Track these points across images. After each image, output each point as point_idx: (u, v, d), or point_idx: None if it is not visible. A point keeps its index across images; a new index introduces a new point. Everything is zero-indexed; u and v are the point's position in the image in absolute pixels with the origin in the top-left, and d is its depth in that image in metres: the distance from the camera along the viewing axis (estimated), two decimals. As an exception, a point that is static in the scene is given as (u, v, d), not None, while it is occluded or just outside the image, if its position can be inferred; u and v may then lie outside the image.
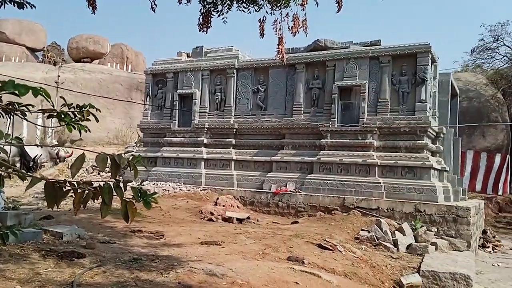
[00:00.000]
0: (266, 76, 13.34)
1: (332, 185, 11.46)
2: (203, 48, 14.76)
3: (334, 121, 11.91)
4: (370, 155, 11.36)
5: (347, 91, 12.11)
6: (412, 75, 11.38)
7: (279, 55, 6.45)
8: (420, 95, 11.22)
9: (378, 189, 10.90)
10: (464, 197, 13.01)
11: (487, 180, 20.60)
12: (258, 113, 13.35)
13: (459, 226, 9.62)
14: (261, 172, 12.81)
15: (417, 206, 10.18)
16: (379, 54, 11.66)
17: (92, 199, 2.62)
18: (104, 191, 2.66)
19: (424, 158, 10.91)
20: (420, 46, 11.26)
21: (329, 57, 12.28)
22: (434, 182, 10.73)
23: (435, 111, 12.30)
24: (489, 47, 21.40)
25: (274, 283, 4.74)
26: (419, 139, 11.13)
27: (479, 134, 20.84)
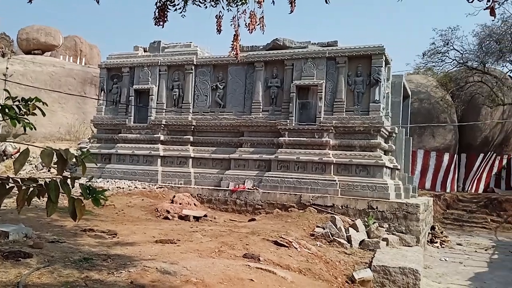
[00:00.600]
0: (225, 73, 13.29)
1: (289, 182, 11.60)
2: (160, 43, 14.49)
3: (292, 119, 12.05)
4: (326, 153, 11.58)
5: (305, 90, 12.29)
6: (367, 76, 11.69)
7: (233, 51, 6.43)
8: (374, 95, 11.55)
9: (334, 187, 11.14)
10: (414, 195, 13.56)
11: (436, 178, 21.62)
12: (217, 110, 13.28)
13: (409, 222, 10.00)
14: (219, 170, 12.76)
15: (370, 203, 10.49)
16: (335, 54, 11.90)
17: (38, 196, 2.50)
18: (50, 188, 2.54)
19: (377, 157, 11.25)
20: (375, 48, 11.59)
21: (287, 56, 12.40)
22: (386, 180, 11.10)
23: (388, 112, 12.71)
24: (439, 51, 22.37)
25: (229, 280, 4.73)
26: (372, 138, 11.46)
27: (429, 134, 21.77)
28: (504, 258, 11.30)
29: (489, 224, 17.56)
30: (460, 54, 22.00)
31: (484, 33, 21.30)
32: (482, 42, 21.27)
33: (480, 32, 21.64)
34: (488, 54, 20.93)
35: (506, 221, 17.69)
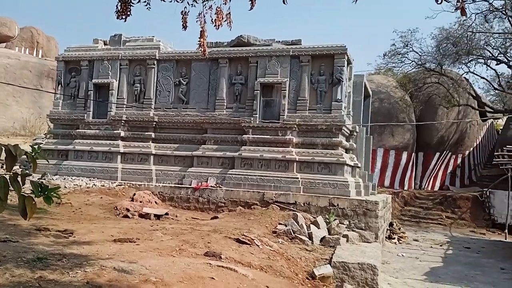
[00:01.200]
0: (188, 69, 13.12)
1: (253, 180, 11.60)
2: (122, 36, 14.11)
3: (256, 117, 12.05)
4: (289, 151, 11.67)
5: (269, 88, 12.32)
6: (329, 75, 11.86)
7: (200, 48, 6.33)
8: (336, 95, 11.73)
9: (296, 184, 11.24)
10: (373, 192, 13.90)
11: (395, 176, 22.28)
12: (180, 106, 13.09)
13: (368, 219, 10.24)
14: (181, 167, 12.58)
15: (331, 200, 10.65)
16: (299, 53, 12.00)
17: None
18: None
19: (338, 155, 11.44)
20: (337, 48, 11.77)
21: (252, 53, 12.38)
22: (347, 178, 11.31)
23: (350, 111, 12.96)
24: (399, 52, 22.99)
25: (190, 279, 4.66)
26: (334, 137, 11.65)
27: (388, 133, 22.39)
28: (458, 253, 11.80)
29: (444, 221, 18.30)
30: (419, 55, 22.72)
31: (442, 36, 22.10)
32: (440, 45, 22.05)
33: (438, 34, 22.44)
34: (445, 56, 21.72)
35: (460, 218, 18.48)
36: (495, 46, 21.66)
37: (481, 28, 21.46)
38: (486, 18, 21.43)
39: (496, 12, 21.08)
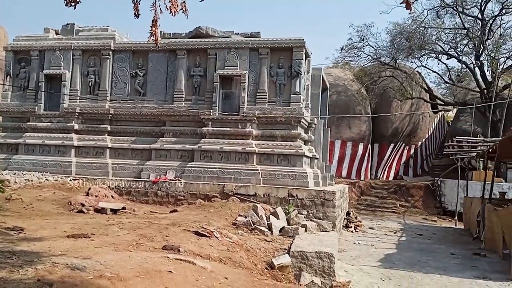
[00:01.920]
0: (145, 60, 12.81)
1: (213, 172, 11.55)
2: (74, 25, 13.56)
3: (215, 109, 11.97)
4: (249, 143, 11.69)
5: (228, 80, 12.26)
6: (288, 68, 11.95)
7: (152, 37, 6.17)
8: (295, 87, 11.85)
9: (256, 176, 11.30)
10: (331, 182, 14.21)
11: (352, 166, 22.88)
12: (137, 98, 12.78)
13: (326, 209, 10.46)
14: (139, 161, 12.33)
15: (291, 191, 10.79)
16: (258, 46, 12.00)
17: None
18: None
19: (297, 147, 11.59)
20: (296, 41, 11.86)
21: (210, 45, 12.26)
22: (306, 169, 11.49)
23: (308, 103, 13.13)
24: (356, 46, 23.52)
25: (147, 273, 4.59)
26: (293, 129, 11.78)
27: (346, 125, 22.92)
28: (411, 240, 12.30)
29: (398, 209, 19.03)
30: (374, 50, 23.34)
31: (396, 31, 22.79)
32: (394, 39, 22.74)
33: (392, 29, 23.14)
34: (399, 51, 22.43)
35: (413, 206, 19.27)
36: (446, 41, 22.63)
37: (433, 23, 22.32)
38: (438, 14, 22.33)
39: (447, 8, 22.01)
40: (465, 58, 22.41)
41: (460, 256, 10.06)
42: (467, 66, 22.56)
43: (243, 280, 5.19)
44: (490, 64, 21.11)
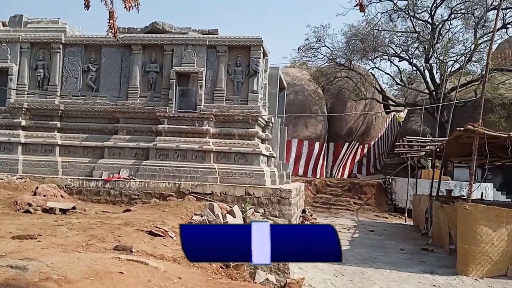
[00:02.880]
0: (98, 55, 12.40)
1: (168, 171, 11.36)
2: (23, 17, 12.90)
3: (171, 106, 11.78)
4: (207, 141, 11.60)
5: (185, 77, 12.10)
6: (246, 67, 11.95)
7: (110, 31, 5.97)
8: (252, 86, 11.88)
9: (213, 175, 11.23)
10: (288, 181, 14.37)
11: (308, 165, 23.26)
12: (89, 94, 12.35)
13: (282, 207, 10.57)
14: (91, 159, 11.91)
15: (247, 190, 10.81)
16: (216, 43, 11.92)
17: None
18: None
19: (255, 145, 11.63)
20: (253, 39, 11.89)
21: (167, 41, 12.04)
22: (263, 167, 11.55)
23: (266, 102, 13.21)
24: (313, 47, 23.91)
25: (96, 275, 4.42)
26: (251, 127, 11.80)
27: (302, 124, 23.24)
28: (363, 236, 12.66)
29: (352, 206, 19.55)
30: (331, 51, 23.83)
31: (351, 33, 23.37)
32: (349, 41, 23.31)
33: (347, 31, 23.69)
34: (354, 52, 23.02)
35: (366, 203, 19.86)
36: (398, 44, 23.45)
37: (386, 26, 23.08)
38: (391, 18, 23.12)
39: (399, 12, 22.80)
40: (416, 60, 23.35)
41: (409, 252, 10.45)
42: (417, 68, 23.51)
43: (197, 280, 5.12)
44: (438, 67, 22.11)
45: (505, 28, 21.68)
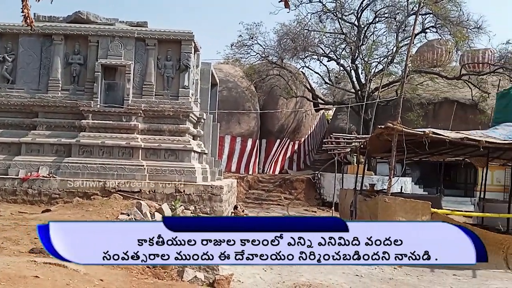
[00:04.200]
0: (15, 44, 11.50)
1: (93, 168, 10.83)
2: None
3: (96, 101, 11.24)
4: (135, 137, 11.22)
5: (112, 71, 11.61)
6: (176, 61, 11.72)
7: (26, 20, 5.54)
8: (183, 81, 11.67)
9: (141, 172, 10.89)
10: (220, 177, 14.34)
11: (241, 161, 23.41)
12: (4, 86, 11.42)
13: (213, 203, 10.52)
14: (6, 156, 11.02)
15: (178, 187, 10.62)
16: (145, 36, 11.56)
17: None
18: None
19: (186, 142, 11.45)
20: (185, 34, 11.68)
21: (92, 32, 11.46)
22: (194, 164, 11.41)
23: (197, 98, 13.05)
24: (245, 44, 24.02)
25: (9, 279, 4.10)
26: (181, 123, 11.60)
27: (235, 121, 23.31)
28: (292, 230, 12.96)
29: (283, 201, 19.99)
30: (263, 48, 24.11)
31: (283, 32, 23.81)
32: (281, 40, 23.74)
33: (279, 30, 24.10)
34: (285, 51, 23.46)
35: (296, 198, 20.41)
36: (327, 45, 24.28)
37: (316, 27, 23.80)
38: (320, 18, 23.88)
39: (328, 14, 23.62)
40: (343, 61, 24.32)
41: (335, 244, 10.87)
42: (344, 68, 24.52)
43: (121, 281, 4.94)
44: (363, 67, 23.23)
45: (424, 33, 23.27)
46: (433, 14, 21.63)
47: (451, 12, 21.60)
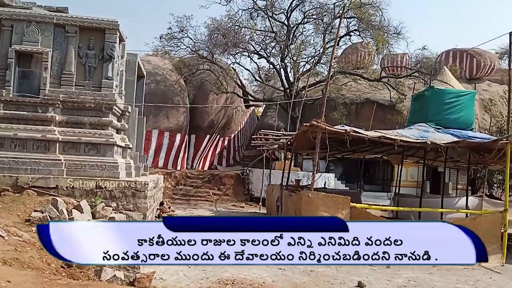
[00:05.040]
0: None
1: (4, 163, 9.98)
2: None
3: (9, 89, 10.37)
4: (51, 130, 10.51)
5: (27, 58, 10.76)
6: (100, 51, 11.15)
7: None
8: (107, 72, 11.14)
9: (59, 167, 10.24)
10: (145, 173, 13.93)
11: (169, 156, 22.97)
12: None
13: (137, 200, 10.18)
14: None
15: (99, 183, 10.13)
16: (65, 22, 10.85)
17: None
18: None
19: (108, 135, 10.96)
20: (109, 22, 11.13)
21: (6, 15, 10.54)
22: (117, 159, 10.95)
23: (122, 90, 12.55)
24: (175, 37, 23.57)
25: None
26: (104, 116, 11.08)
27: (164, 115, 22.81)
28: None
29: (211, 197, 19.95)
30: (194, 42, 23.81)
31: (213, 26, 23.67)
32: (212, 34, 23.60)
33: (210, 24, 23.94)
34: (216, 46, 23.38)
35: (225, 194, 20.46)
36: (258, 42, 24.58)
37: (247, 24, 23.98)
38: (252, 16, 24.09)
39: (259, 11, 23.88)
40: (273, 59, 24.77)
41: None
42: (274, 66, 24.98)
43: (30, 282, 4.61)
44: (292, 66, 23.84)
45: (349, 36, 24.37)
46: (357, 18, 22.72)
47: (373, 17, 22.83)
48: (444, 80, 13.15)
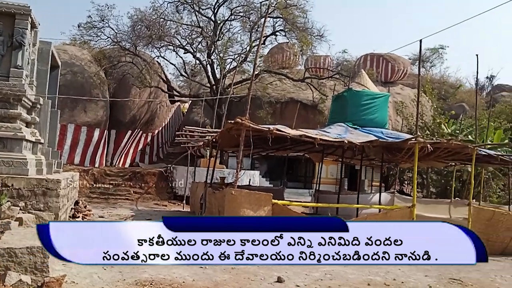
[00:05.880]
0: None
1: None
2: None
3: None
4: (-51, 122, 9.43)
5: None
6: (8, 37, 10.20)
7: None
8: (16, 60, 10.22)
9: (-43, 163, 9.21)
10: (58, 170, 13.03)
11: (86, 153, 21.73)
12: None
13: (48, 199, 9.47)
14: None
15: (5, 181, 9.26)
16: (-32, 3, 9.77)
17: None
18: None
19: (16, 129, 10.06)
20: (20, 7, 10.21)
21: None
22: (26, 155, 10.10)
23: (33, 80, 11.58)
24: (95, 26, 22.31)
25: None
26: (12, 108, 10.14)
27: (81, 108, 21.51)
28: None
29: (132, 196, 19.21)
30: (115, 33, 22.72)
31: (137, 17, 22.78)
32: (135, 25, 22.68)
33: (133, 15, 22.99)
34: (140, 38, 22.51)
35: (147, 192, 19.82)
36: (184, 36, 24.09)
37: (172, 17, 23.41)
38: (178, 9, 23.56)
39: (185, 5, 23.42)
40: (200, 54, 24.46)
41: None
42: (200, 62, 24.67)
43: None
44: (219, 63, 23.71)
45: (274, 35, 24.77)
46: (283, 19, 23.19)
47: (298, 18, 23.44)
48: (361, 83, 13.87)
